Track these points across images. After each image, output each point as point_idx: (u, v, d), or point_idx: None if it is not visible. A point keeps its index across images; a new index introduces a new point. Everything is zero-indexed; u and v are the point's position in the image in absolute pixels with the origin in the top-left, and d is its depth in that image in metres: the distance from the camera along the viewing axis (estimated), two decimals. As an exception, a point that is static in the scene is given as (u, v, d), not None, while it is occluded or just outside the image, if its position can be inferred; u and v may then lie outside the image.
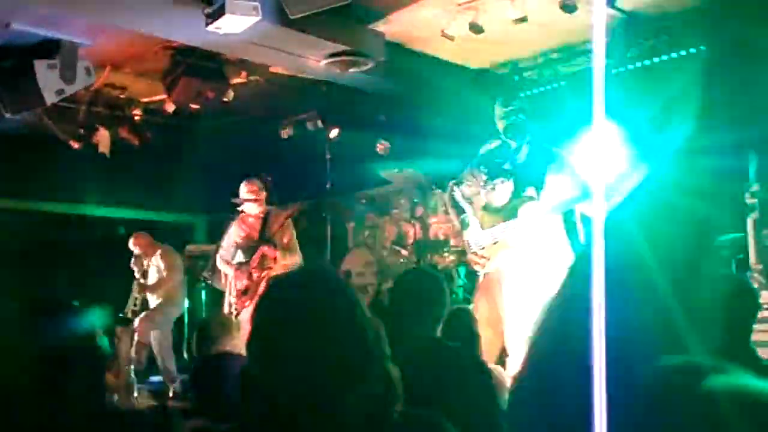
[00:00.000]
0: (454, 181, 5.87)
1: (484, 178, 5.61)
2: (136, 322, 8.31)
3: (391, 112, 9.39)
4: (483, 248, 5.47)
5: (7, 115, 7.69)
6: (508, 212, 5.50)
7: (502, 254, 5.45)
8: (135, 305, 8.67)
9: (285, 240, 7.08)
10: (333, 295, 1.70)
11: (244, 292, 6.83)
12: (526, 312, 5.04)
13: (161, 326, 8.49)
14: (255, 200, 7.18)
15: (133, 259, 8.67)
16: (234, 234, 7.27)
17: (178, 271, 8.80)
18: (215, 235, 8.48)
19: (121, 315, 8.51)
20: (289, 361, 1.65)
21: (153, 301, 8.71)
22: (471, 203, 5.73)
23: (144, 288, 8.59)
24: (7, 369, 1.82)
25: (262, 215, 7.24)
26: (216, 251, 7.40)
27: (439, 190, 7.58)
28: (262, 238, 7.08)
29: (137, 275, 8.62)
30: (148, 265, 8.68)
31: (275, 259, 6.90)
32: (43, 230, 10.18)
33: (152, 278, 8.67)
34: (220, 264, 7.27)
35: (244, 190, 7.24)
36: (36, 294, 2.18)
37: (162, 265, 8.68)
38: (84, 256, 9.17)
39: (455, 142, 8.90)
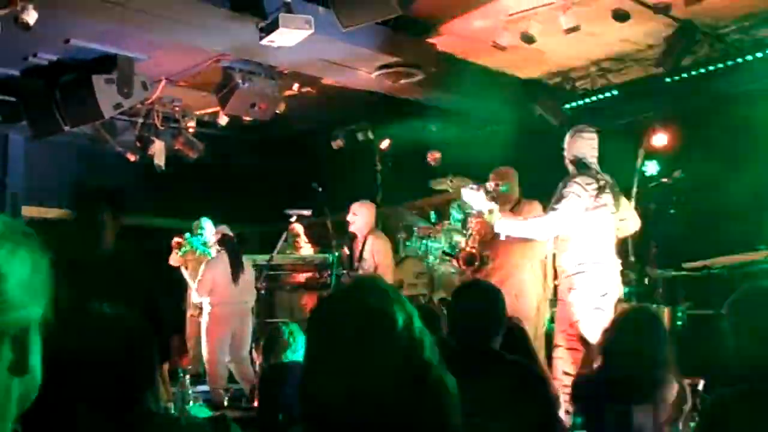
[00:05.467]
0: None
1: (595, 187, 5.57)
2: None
3: (441, 122, 9.41)
4: None
5: (67, 128, 7.87)
6: None
7: None
8: None
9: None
10: (389, 306, 1.71)
11: None
12: None
13: None
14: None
15: None
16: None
17: None
18: (266, 246, 8.54)
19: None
20: (343, 370, 1.67)
21: None
22: None
23: None
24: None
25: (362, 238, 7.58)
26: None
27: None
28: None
29: None
30: None
31: None
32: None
33: None
34: None
35: None
36: (91, 303, 2.22)
37: None
38: (140, 267, 9.29)
39: (506, 152, 8.89)
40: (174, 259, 9.07)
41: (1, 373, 1.07)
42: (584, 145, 5.70)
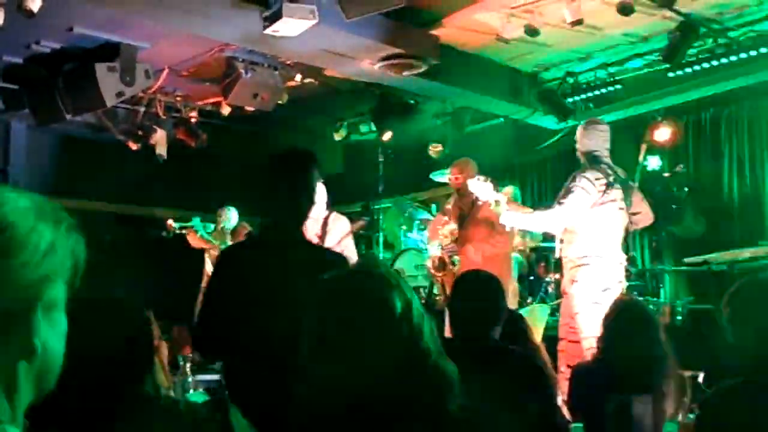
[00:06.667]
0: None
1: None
2: None
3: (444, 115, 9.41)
4: None
5: (69, 117, 7.87)
6: None
7: None
8: None
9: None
10: (388, 292, 1.71)
11: None
12: None
13: None
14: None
15: None
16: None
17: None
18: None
19: None
20: (342, 356, 1.67)
21: None
22: None
23: None
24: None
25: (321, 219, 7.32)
26: None
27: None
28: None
29: None
30: None
31: None
32: (101, 230, 10.36)
33: None
34: None
35: None
36: (95, 292, 2.21)
37: None
38: (141, 255, 9.29)
39: (507, 146, 8.89)
40: (193, 242, 9.16)
41: (8, 354, 1.04)
42: (597, 138, 5.66)
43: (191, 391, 5.20)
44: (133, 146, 9.32)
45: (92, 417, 1.89)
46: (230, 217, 9.18)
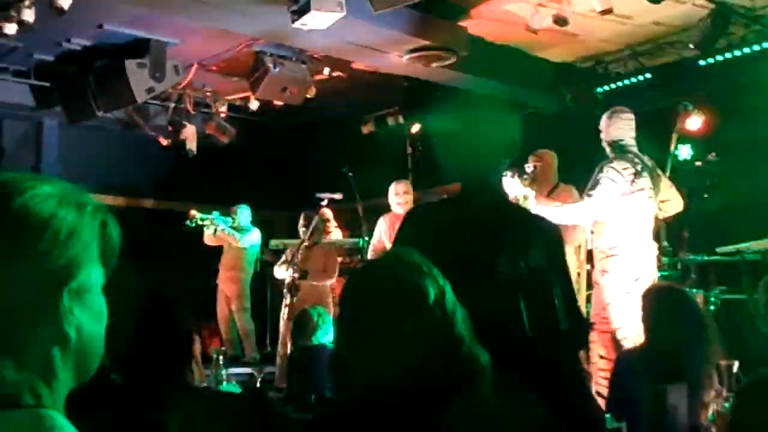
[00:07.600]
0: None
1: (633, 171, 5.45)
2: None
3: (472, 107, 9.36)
4: None
5: (100, 113, 7.94)
6: None
7: None
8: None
9: None
10: (421, 280, 1.72)
11: None
12: None
13: None
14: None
15: None
16: (384, 232, 7.52)
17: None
18: (296, 231, 8.51)
19: None
20: (375, 344, 1.68)
21: None
22: None
23: None
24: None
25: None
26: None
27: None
28: None
29: None
30: None
31: None
32: (131, 225, 10.39)
33: None
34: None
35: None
36: (129, 285, 2.23)
37: None
38: (165, 250, 9.36)
39: (537, 137, 8.83)
40: (208, 239, 9.25)
41: (40, 342, 1.05)
42: (622, 126, 5.60)
43: (225, 383, 5.26)
44: (164, 142, 9.40)
45: (139, 404, 1.92)
46: (244, 215, 9.27)
